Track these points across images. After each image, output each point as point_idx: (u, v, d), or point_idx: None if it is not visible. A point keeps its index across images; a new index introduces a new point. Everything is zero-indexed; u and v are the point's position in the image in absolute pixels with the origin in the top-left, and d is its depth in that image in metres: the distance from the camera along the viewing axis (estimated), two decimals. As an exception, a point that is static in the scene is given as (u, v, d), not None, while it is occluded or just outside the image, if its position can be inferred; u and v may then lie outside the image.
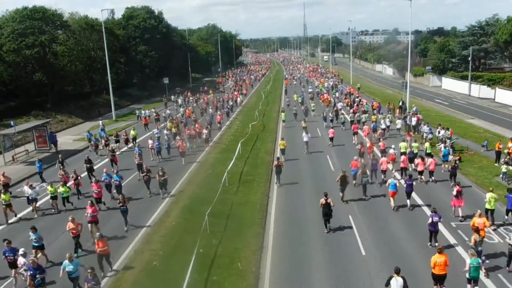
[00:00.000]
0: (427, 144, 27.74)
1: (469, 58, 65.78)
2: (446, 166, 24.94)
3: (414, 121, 35.80)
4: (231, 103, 54.09)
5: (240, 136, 36.80)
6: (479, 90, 62.28)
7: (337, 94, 59.17)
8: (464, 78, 68.25)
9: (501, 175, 23.94)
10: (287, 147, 29.74)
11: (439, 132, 31.15)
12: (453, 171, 22.92)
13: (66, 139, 40.36)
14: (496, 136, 34.24)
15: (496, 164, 26.56)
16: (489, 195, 18.11)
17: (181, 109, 49.57)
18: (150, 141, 31.59)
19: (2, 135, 32.88)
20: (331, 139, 32.81)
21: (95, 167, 28.26)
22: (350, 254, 16.23)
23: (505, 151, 26.63)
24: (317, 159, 29.74)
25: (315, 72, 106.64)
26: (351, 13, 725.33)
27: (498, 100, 57.20)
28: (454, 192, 18.82)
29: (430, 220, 16.32)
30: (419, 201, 20.98)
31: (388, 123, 35.45)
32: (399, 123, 36.37)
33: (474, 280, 13.37)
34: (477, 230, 14.99)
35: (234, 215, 20.19)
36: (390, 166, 24.72)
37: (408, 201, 20.30)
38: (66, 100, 56.08)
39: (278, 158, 25.46)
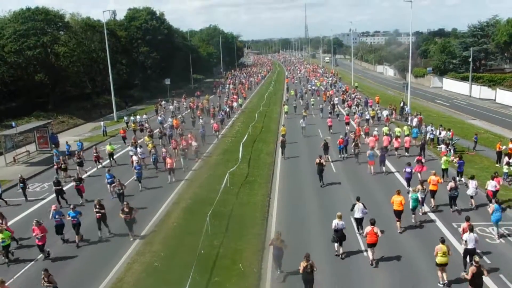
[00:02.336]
0: (405, 127, 33.46)
1: (470, 59, 65.84)
2: (414, 141, 31.28)
3: (415, 121, 36.02)
4: (227, 109, 49.51)
5: (239, 138, 36.55)
6: (480, 91, 62.34)
7: (333, 90, 65.66)
8: (464, 79, 68.31)
9: (503, 176, 23.93)
10: (287, 133, 34.75)
11: (440, 133, 31.22)
12: (422, 146, 28.74)
13: (68, 140, 40.26)
14: (497, 137, 34.26)
15: (497, 165, 26.56)
16: (444, 158, 24.37)
17: (170, 119, 42.97)
18: (135, 158, 26.91)
19: (3, 135, 32.97)
20: (330, 127, 38.15)
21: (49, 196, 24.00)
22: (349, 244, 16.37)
23: (505, 151, 26.63)
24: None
25: (315, 72, 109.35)
26: (353, 14, 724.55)
27: (498, 100, 57.26)
28: (415, 161, 24.07)
29: (404, 170, 22.86)
30: (393, 169, 26.91)
31: (379, 115, 42.35)
32: (385, 113, 41.57)
33: (414, 208, 18.53)
34: (421, 183, 19.33)
35: (235, 216, 20.20)
36: (372, 144, 29.54)
37: (383, 168, 26.13)
38: (68, 101, 56.20)
39: (283, 136, 32.24)
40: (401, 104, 46.03)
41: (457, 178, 21.78)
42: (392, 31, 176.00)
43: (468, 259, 14.34)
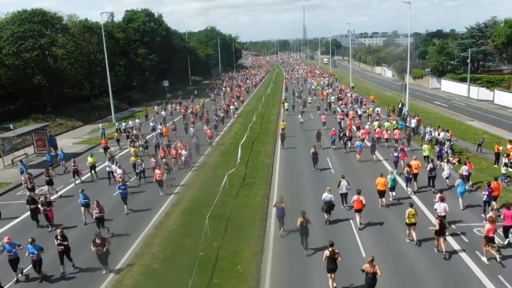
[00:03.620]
0: (393, 122, 36.95)
1: (468, 60, 65.93)
2: (401, 132, 33.90)
3: (413, 123, 36.20)
4: (221, 114, 46.72)
5: (238, 140, 36.57)
6: (478, 92, 62.42)
7: (330, 89, 69.30)
8: (463, 80, 68.39)
9: (501, 177, 23.95)
10: (287, 128, 37.43)
11: (439, 134, 31.29)
12: (408, 137, 32.40)
13: (66, 142, 40.35)
14: (495, 138, 34.29)
15: (495, 166, 26.59)
16: (425, 146, 28.03)
17: (159, 126, 39.37)
18: (119, 171, 24.11)
19: (1, 138, 32.86)
20: (324, 123, 40.93)
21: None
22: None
23: (505, 154, 26.65)
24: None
25: (312, 73, 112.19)
26: (351, 16, 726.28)
27: (497, 101, 57.34)
28: (399, 149, 26.53)
29: (392, 155, 26.54)
30: (381, 157, 29.96)
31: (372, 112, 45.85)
32: (377, 109, 45.05)
33: (392, 188, 21.35)
34: (408, 166, 22.54)
35: (234, 218, 20.15)
36: (363, 136, 32.98)
37: (373, 156, 29.21)
38: (66, 103, 56.17)
39: (282, 130, 35.56)
40: (400, 105, 46.12)
41: (437, 162, 25.54)
42: (390, 33, 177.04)
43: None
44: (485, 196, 19.18)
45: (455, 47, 77.73)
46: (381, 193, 20.76)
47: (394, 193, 21.65)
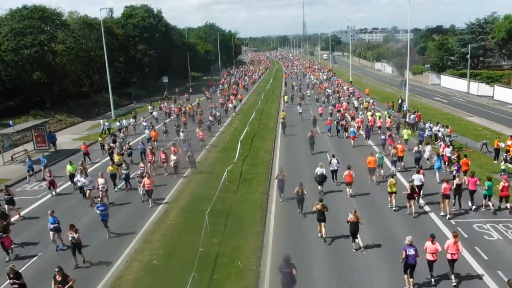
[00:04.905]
0: (385, 112, 40.09)
1: (468, 56, 65.80)
2: (391, 121, 36.69)
3: (412, 118, 36.21)
4: (217, 113, 43.96)
5: (236, 137, 36.62)
6: (478, 88, 62.33)
7: (328, 83, 73.41)
8: (463, 76, 68.28)
9: (500, 172, 23.98)
10: (287, 118, 40.61)
11: (438, 130, 31.27)
12: (397, 125, 35.72)
13: (65, 139, 40.35)
14: (495, 134, 34.29)
15: (495, 162, 26.61)
16: (404, 131, 31.69)
17: (147, 130, 35.38)
18: (100, 180, 21.55)
19: (1, 134, 32.82)
20: (320, 114, 44.45)
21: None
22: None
23: (504, 149, 26.67)
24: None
25: (311, 68, 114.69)
26: (351, 11, 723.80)
27: (496, 97, 57.28)
28: (387, 135, 29.69)
29: (380, 138, 29.92)
30: (372, 143, 32.57)
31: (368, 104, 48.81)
32: (372, 100, 49.46)
33: (380, 165, 24.08)
34: (394, 148, 26.05)
35: (234, 214, 20.17)
36: (358, 124, 36.67)
37: (366, 142, 32.80)
38: (65, 99, 56.04)
39: (283, 119, 38.97)
40: (399, 101, 46.11)
41: (420, 145, 27.61)
42: (390, 28, 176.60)
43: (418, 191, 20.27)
44: (454, 171, 22.39)
45: (455, 42, 77.49)
46: (371, 170, 23.69)
47: (382, 172, 24.37)
